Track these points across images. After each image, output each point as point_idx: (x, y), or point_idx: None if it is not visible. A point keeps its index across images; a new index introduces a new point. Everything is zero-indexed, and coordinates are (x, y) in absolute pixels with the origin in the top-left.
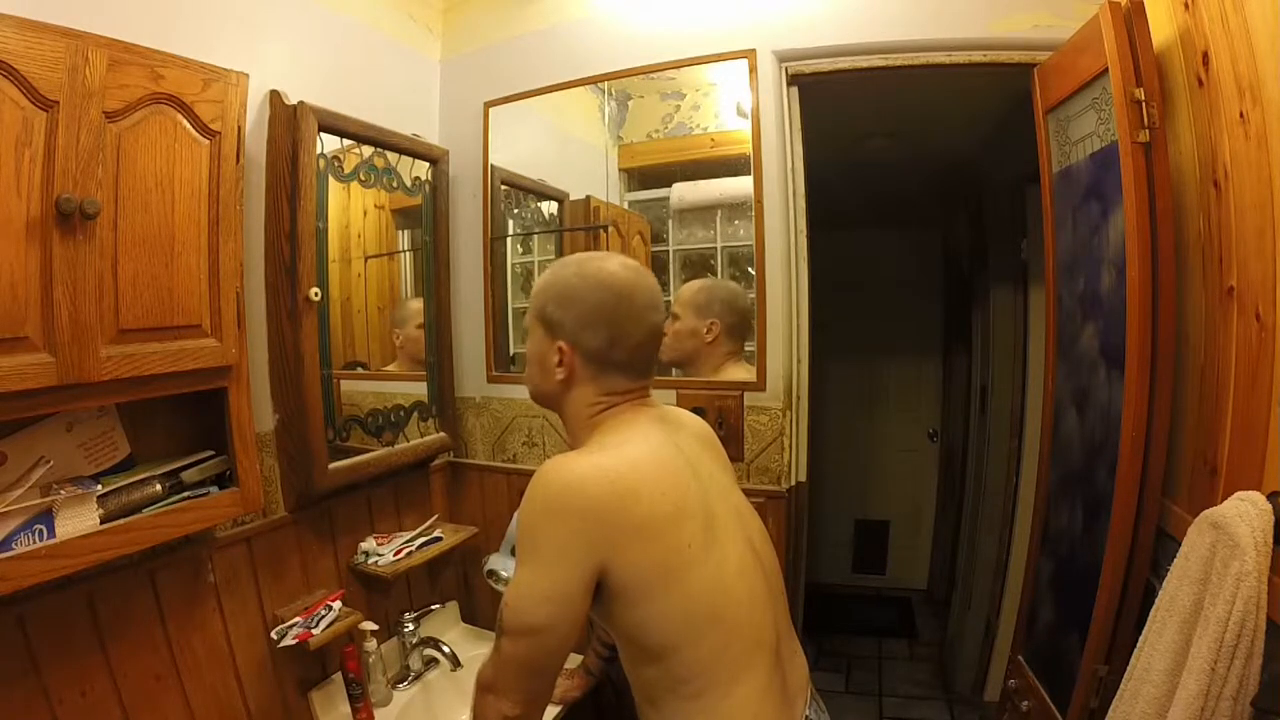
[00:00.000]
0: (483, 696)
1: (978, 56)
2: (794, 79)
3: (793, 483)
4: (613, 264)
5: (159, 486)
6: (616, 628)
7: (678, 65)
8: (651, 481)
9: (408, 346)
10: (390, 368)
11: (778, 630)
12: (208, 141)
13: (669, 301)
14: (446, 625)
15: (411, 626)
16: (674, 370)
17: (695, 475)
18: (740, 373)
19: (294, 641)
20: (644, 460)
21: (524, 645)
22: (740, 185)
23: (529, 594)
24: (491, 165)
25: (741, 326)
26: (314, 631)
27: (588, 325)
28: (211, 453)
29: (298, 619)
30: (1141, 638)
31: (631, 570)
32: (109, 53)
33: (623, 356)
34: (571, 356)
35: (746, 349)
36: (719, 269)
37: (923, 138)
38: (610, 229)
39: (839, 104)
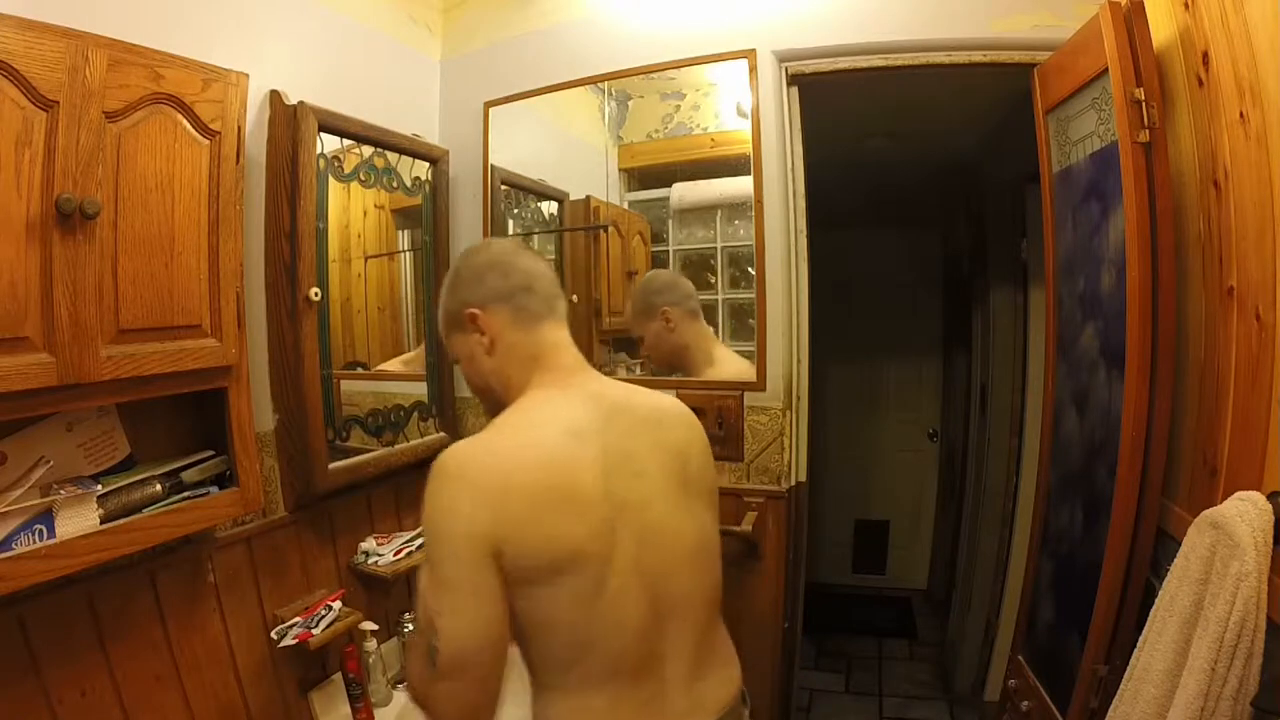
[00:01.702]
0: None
1: (978, 56)
2: (794, 79)
3: (793, 483)
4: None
5: (159, 486)
6: None
7: (678, 65)
8: (526, 467)
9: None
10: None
11: (655, 654)
12: (208, 141)
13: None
14: None
15: (411, 626)
16: (675, 373)
17: (602, 473)
18: (719, 350)
19: (294, 641)
20: (525, 444)
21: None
22: (740, 185)
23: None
24: (491, 165)
25: (683, 297)
26: (314, 631)
27: (478, 281)
28: (211, 453)
29: (298, 619)
30: (1141, 638)
31: (513, 555)
32: (109, 53)
33: (520, 281)
34: (482, 315)
35: (747, 349)
36: (719, 269)
37: (923, 138)
38: (610, 229)
39: (839, 104)
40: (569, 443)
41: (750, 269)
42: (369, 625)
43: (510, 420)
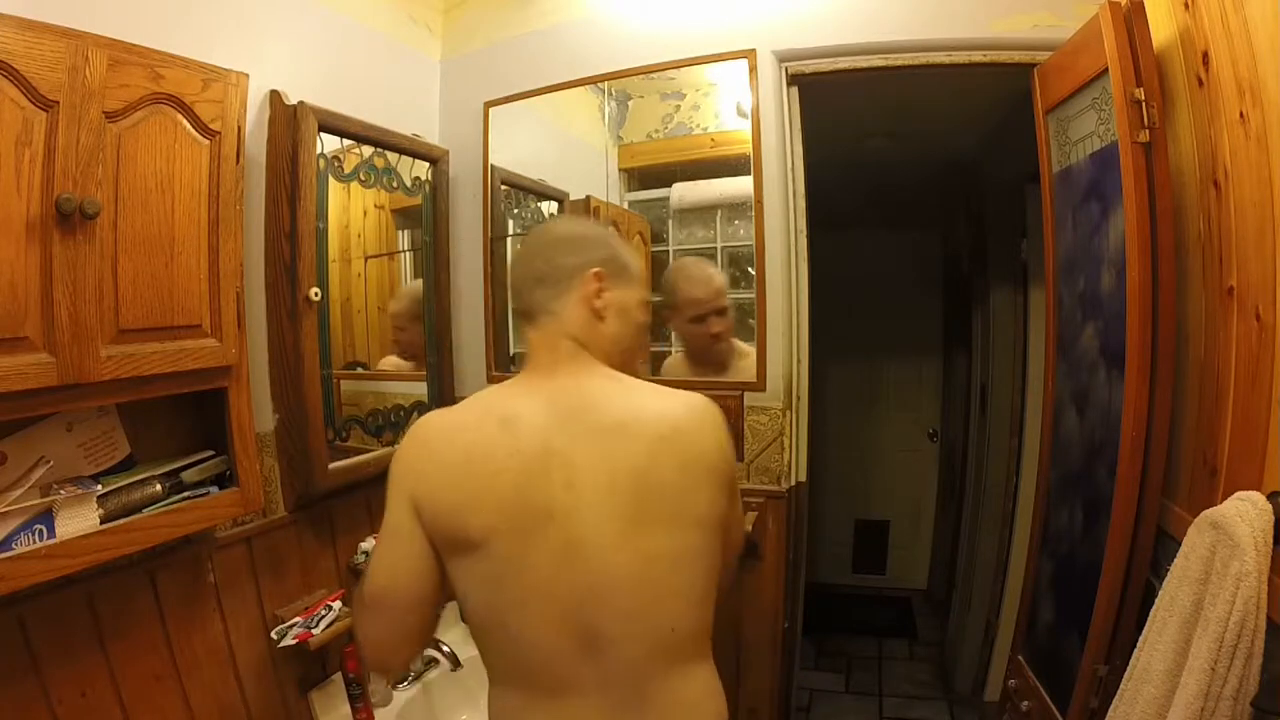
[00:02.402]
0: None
1: (978, 56)
2: (794, 79)
3: (793, 483)
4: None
5: (159, 486)
6: None
7: (678, 65)
8: (447, 443)
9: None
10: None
11: (575, 680)
12: (208, 141)
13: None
14: (446, 625)
15: None
16: (664, 371)
17: (524, 473)
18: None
19: (294, 641)
20: (457, 424)
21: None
22: (740, 185)
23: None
24: (491, 165)
25: None
26: (314, 631)
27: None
28: (211, 453)
29: (298, 619)
30: (1141, 638)
31: (427, 518)
32: (109, 53)
33: (532, 274)
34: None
35: (748, 347)
36: (719, 269)
37: (923, 138)
38: (610, 229)
39: (839, 104)
40: (496, 430)
41: (750, 269)
42: None
43: (462, 402)
